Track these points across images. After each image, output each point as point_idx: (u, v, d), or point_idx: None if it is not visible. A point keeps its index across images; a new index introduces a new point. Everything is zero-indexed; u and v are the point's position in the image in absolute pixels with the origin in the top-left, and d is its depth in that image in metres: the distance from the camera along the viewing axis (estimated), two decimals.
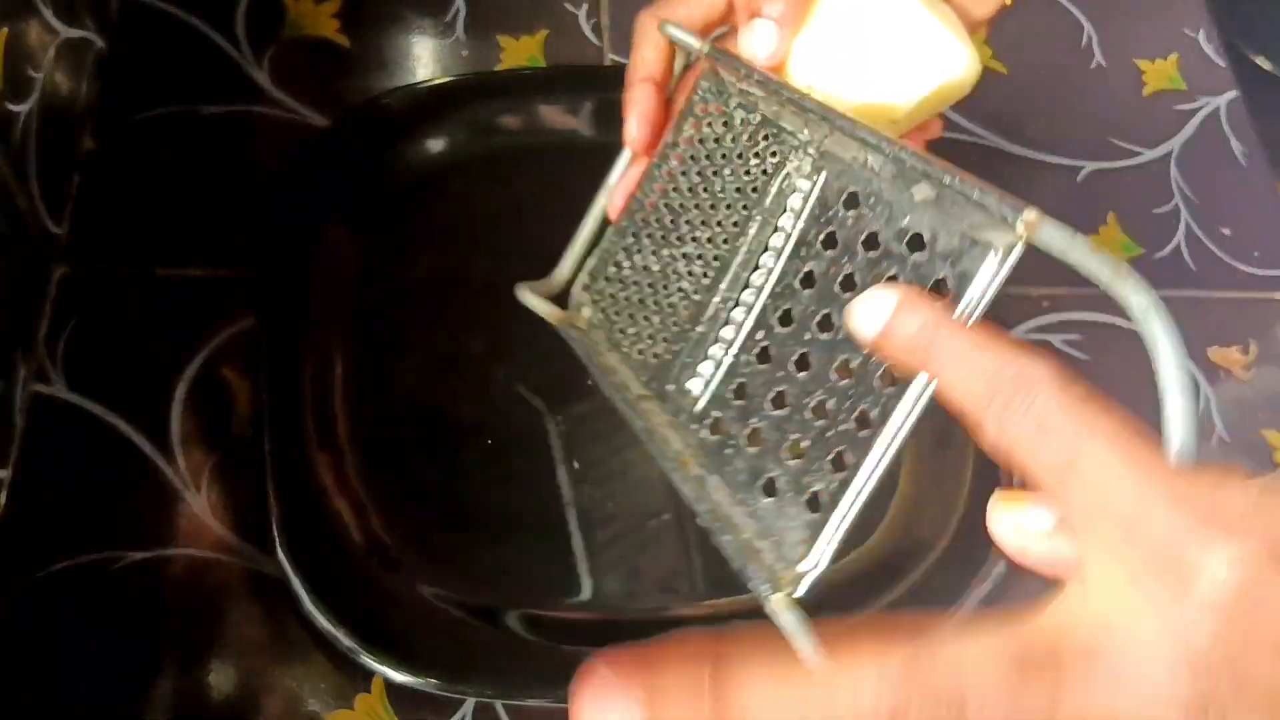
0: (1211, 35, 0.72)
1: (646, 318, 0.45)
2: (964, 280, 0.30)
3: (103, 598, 0.47)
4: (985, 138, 0.65)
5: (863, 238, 0.34)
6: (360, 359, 0.53)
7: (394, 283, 0.55)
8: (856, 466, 0.32)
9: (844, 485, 0.32)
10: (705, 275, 0.42)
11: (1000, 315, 0.59)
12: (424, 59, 0.64)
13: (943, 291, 0.32)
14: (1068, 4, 0.71)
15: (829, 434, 0.33)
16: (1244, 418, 0.59)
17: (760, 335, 0.38)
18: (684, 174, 0.43)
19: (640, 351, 0.45)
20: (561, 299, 0.49)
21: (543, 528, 0.50)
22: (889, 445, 0.31)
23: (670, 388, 0.42)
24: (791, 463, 0.35)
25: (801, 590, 0.32)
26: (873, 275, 0.33)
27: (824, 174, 0.37)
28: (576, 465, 0.52)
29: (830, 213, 0.36)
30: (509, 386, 0.53)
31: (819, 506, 0.33)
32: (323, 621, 0.45)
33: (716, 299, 0.41)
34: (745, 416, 0.37)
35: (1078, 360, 0.59)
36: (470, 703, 0.47)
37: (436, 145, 0.58)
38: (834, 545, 0.32)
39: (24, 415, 0.50)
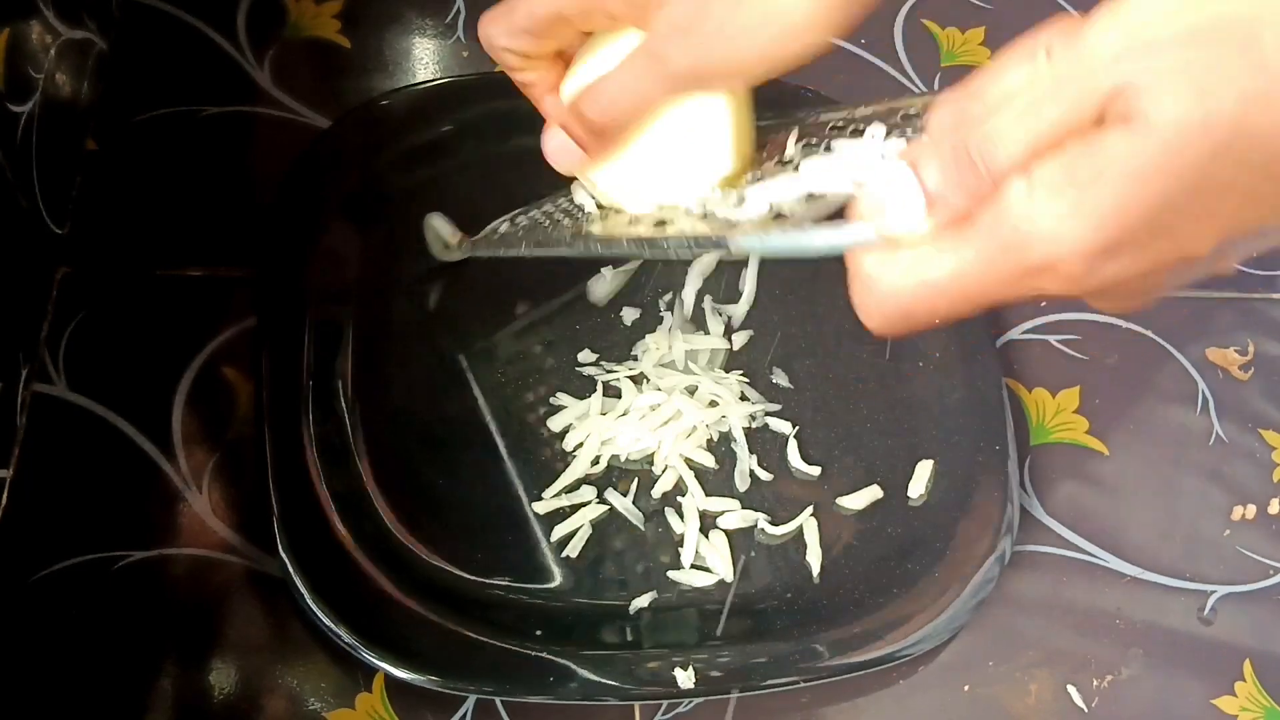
0: None
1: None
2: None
3: (103, 598, 0.47)
4: None
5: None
6: (360, 359, 0.53)
7: (394, 282, 0.55)
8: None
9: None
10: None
11: (998, 316, 0.59)
12: (424, 59, 0.64)
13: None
14: (1067, 4, 0.71)
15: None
16: (1243, 418, 0.59)
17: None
18: None
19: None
20: None
21: (547, 526, 0.50)
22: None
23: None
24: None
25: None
26: None
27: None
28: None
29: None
30: (511, 385, 0.54)
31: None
32: (323, 620, 0.45)
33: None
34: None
35: (1077, 360, 0.59)
36: (471, 701, 0.47)
37: (436, 145, 0.58)
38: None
39: (25, 415, 0.50)
